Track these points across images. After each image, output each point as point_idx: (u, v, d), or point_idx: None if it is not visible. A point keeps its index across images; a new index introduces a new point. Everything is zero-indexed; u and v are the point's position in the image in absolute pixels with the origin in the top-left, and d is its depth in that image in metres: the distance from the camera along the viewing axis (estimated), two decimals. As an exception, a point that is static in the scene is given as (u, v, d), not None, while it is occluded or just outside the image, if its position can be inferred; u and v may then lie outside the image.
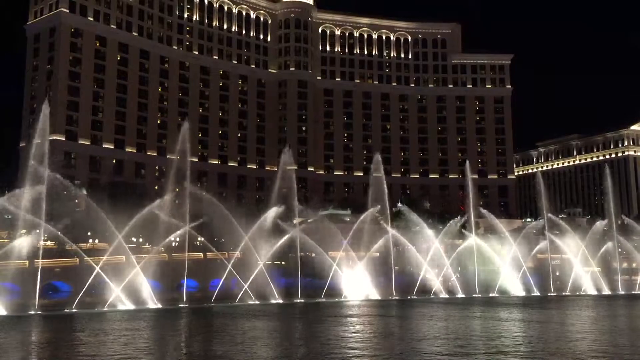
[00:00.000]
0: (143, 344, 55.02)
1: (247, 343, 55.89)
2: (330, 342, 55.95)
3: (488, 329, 67.64)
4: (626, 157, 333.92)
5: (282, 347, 54.35)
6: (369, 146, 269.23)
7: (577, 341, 57.42)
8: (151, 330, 67.05)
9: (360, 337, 61.15)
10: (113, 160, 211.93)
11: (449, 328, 68.35)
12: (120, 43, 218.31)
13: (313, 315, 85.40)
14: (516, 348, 51.80)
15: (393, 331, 67.56)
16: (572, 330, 68.04)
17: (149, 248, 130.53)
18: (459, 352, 49.17)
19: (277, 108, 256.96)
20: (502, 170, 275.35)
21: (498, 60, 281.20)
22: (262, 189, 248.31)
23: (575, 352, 49.48)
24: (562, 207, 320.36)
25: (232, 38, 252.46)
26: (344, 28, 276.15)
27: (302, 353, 50.16)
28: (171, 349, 52.70)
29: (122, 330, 63.83)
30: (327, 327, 68.31)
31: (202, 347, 53.39)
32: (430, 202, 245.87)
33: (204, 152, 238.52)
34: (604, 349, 51.48)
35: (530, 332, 64.53)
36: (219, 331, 65.20)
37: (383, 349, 52.65)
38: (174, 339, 59.70)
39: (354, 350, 50.42)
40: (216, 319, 78.01)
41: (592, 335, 63.01)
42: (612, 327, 71.62)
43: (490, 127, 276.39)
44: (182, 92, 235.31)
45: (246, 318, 78.51)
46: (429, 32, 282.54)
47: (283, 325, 73.45)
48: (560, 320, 78.73)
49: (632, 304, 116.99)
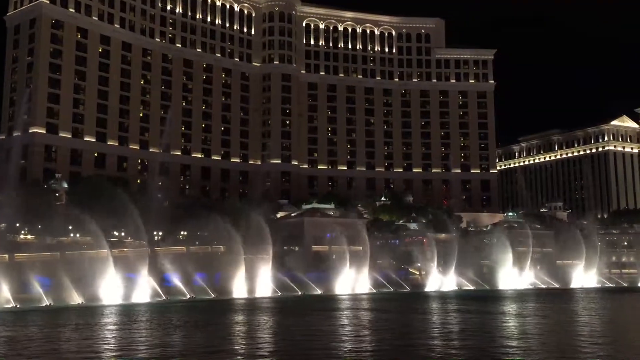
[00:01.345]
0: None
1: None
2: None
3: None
4: (606, 152, 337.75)
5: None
6: (353, 140, 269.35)
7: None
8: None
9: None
10: (95, 154, 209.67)
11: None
12: (101, 35, 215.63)
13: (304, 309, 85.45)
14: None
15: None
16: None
17: (131, 242, 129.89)
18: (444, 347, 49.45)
19: (260, 102, 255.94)
20: (484, 165, 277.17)
21: (481, 55, 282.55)
22: (245, 183, 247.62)
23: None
24: (543, 201, 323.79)
25: (215, 31, 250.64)
26: (328, 22, 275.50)
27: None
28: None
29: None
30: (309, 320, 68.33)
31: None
32: (414, 196, 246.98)
33: (187, 145, 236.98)
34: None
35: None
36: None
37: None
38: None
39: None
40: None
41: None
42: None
43: (473, 121, 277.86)
44: (164, 85, 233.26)
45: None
46: (413, 27, 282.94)
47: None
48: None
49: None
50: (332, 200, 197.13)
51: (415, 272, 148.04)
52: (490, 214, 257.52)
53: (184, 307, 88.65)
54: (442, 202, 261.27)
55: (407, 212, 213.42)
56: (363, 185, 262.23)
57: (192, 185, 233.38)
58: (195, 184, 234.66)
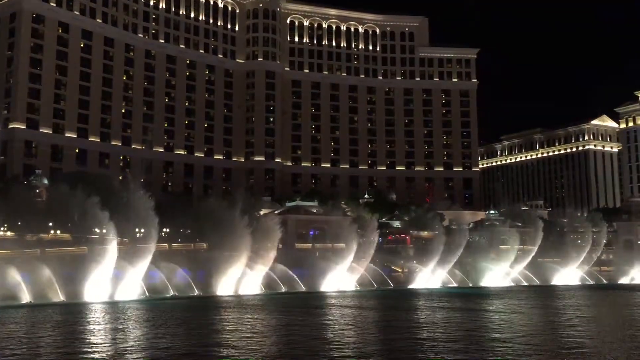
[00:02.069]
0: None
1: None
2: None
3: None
4: (587, 151, 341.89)
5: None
6: (337, 138, 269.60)
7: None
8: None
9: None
10: (76, 150, 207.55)
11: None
12: (83, 30, 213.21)
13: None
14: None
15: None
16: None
17: (112, 239, 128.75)
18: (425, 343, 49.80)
19: (244, 99, 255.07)
20: (467, 163, 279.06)
21: (464, 54, 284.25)
22: (229, 180, 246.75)
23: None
24: (524, 199, 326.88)
25: (199, 27, 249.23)
26: (312, 19, 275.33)
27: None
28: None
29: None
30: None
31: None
32: (397, 194, 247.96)
33: (169, 142, 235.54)
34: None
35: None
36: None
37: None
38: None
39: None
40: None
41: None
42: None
43: (456, 120, 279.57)
44: (147, 81, 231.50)
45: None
46: (396, 25, 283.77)
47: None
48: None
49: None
50: (316, 197, 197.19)
51: (398, 269, 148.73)
52: (473, 212, 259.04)
53: (166, 304, 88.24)
54: (425, 200, 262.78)
55: (391, 210, 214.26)
56: (347, 182, 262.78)
57: (175, 182, 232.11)
58: (178, 181, 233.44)
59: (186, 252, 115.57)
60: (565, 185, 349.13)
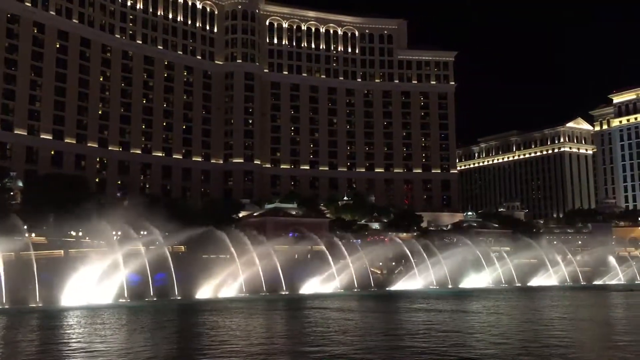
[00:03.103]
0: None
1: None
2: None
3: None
4: (562, 153, 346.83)
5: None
6: (316, 140, 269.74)
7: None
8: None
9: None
10: (51, 152, 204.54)
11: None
12: (59, 30, 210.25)
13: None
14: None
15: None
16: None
17: (88, 242, 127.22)
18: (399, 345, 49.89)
19: (223, 100, 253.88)
20: (445, 165, 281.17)
21: (442, 57, 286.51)
22: (207, 182, 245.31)
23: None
24: (501, 201, 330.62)
25: (177, 28, 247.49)
26: (291, 21, 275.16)
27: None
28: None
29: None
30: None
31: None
32: (376, 196, 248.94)
33: (147, 144, 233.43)
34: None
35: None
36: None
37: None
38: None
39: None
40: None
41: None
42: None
43: (434, 122, 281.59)
44: (124, 82, 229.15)
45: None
46: (375, 28, 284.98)
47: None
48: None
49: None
50: (295, 199, 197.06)
51: (377, 271, 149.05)
52: (451, 213, 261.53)
53: (145, 308, 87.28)
54: (404, 202, 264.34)
55: (370, 212, 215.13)
56: (326, 184, 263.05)
57: (152, 184, 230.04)
58: (156, 183, 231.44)
59: (163, 255, 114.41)
60: (541, 187, 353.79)
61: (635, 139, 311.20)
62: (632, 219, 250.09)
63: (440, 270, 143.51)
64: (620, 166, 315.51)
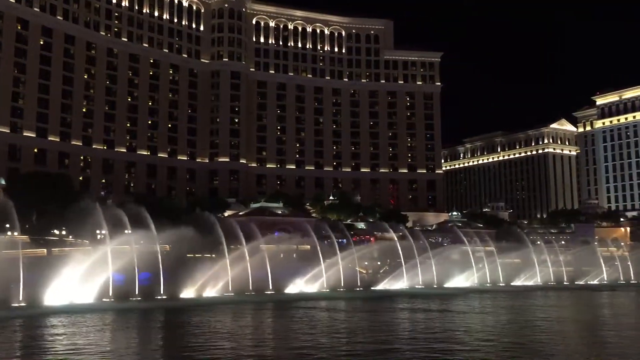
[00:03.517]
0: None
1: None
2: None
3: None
4: (546, 154, 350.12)
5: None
6: (302, 139, 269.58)
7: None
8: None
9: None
10: (35, 150, 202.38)
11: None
12: (43, 27, 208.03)
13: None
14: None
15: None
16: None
17: (72, 241, 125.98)
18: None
19: (209, 99, 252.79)
20: (430, 165, 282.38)
21: (428, 57, 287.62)
22: (193, 181, 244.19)
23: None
24: (486, 201, 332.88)
25: (163, 26, 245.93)
26: (278, 20, 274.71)
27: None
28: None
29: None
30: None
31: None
32: (362, 196, 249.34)
33: (132, 142, 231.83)
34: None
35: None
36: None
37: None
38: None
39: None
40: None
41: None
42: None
43: (420, 122, 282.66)
44: (109, 80, 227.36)
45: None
46: (362, 28, 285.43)
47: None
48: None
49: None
50: (281, 199, 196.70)
51: (362, 270, 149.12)
52: (436, 213, 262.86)
53: (130, 308, 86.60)
54: (390, 202, 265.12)
55: (355, 211, 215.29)
56: (312, 184, 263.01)
57: (137, 183, 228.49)
58: (141, 182, 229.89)
59: (149, 254, 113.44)
60: (525, 187, 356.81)
61: (617, 140, 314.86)
62: (614, 220, 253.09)
63: (425, 270, 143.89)
64: (603, 167, 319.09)
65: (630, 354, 47.65)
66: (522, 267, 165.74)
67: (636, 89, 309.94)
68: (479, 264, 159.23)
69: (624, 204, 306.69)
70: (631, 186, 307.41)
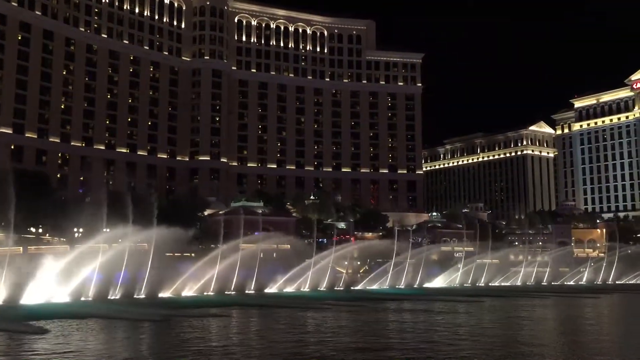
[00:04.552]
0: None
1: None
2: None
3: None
4: (524, 156, 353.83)
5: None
6: (283, 139, 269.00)
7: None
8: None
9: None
10: (11, 146, 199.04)
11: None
12: (21, 22, 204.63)
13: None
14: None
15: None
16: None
17: (49, 239, 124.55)
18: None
19: (190, 97, 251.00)
20: (411, 166, 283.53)
21: (410, 58, 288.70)
22: (173, 179, 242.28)
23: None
24: (465, 201, 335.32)
25: (143, 23, 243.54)
26: (260, 19, 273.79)
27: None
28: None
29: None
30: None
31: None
32: (342, 196, 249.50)
33: (111, 139, 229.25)
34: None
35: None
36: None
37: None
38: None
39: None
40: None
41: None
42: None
43: (401, 123, 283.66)
44: (88, 76, 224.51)
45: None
46: (344, 28, 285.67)
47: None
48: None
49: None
50: (262, 198, 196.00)
51: (342, 270, 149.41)
52: (416, 213, 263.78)
53: (108, 307, 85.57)
54: (370, 202, 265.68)
55: (336, 211, 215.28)
56: (292, 183, 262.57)
57: (116, 181, 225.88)
58: (120, 180, 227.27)
59: (127, 253, 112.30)
60: (504, 188, 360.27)
61: (595, 143, 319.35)
62: (591, 221, 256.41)
63: (405, 270, 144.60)
64: (580, 169, 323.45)
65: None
66: (501, 268, 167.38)
67: (613, 93, 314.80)
68: (458, 264, 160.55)
69: (600, 205, 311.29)
70: (607, 188, 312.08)
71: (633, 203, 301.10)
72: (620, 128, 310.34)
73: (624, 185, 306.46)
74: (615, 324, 76.70)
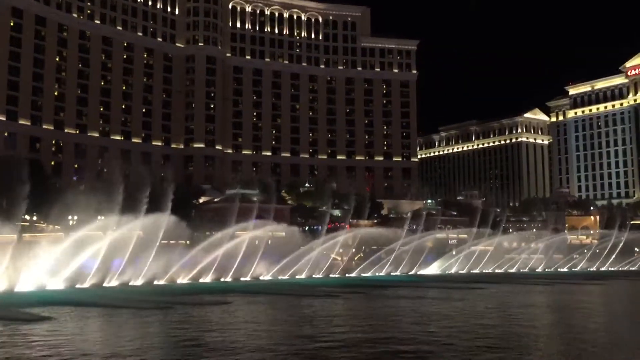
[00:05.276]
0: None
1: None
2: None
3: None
4: (519, 143, 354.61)
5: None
6: (278, 126, 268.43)
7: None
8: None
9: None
10: (5, 133, 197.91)
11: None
12: (13, 8, 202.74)
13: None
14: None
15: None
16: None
17: (44, 226, 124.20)
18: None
19: (184, 84, 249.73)
20: (406, 153, 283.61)
21: (405, 45, 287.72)
22: (167, 167, 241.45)
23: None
24: (460, 189, 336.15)
25: (137, 8, 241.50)
26: (254, 5, 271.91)
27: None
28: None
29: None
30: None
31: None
32: (337, 183, 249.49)
33: (105, 127, 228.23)
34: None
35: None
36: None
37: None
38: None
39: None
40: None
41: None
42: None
43: (396, 110, 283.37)
44: (82, 62, 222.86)
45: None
46: (339, 14, 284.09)
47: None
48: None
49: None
50: (256, 185, 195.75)
51: (337, 257, 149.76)
52: (411, 201, 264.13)
53: (98, 294, 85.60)
54: (365, 189, 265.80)
55: (331, 199, 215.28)
56: (287, 171, 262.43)
57: (110, 169, 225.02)
58: (114, 167, 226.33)
59: (122, 240, 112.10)
60: (499, 175, 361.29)
61: (589, 130, 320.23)
62: (584, 208, 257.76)
63: (400, 257, 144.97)
64: (574, 157, 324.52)
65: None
66: (495, 255, 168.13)
67: (608, 80, 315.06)
68: (453, 251, 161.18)
69: (594, 192, 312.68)
70: (601, 175, 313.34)
71: (627, 190, 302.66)
72: (614, 115, 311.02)
73: (618, 172, 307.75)
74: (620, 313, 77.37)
